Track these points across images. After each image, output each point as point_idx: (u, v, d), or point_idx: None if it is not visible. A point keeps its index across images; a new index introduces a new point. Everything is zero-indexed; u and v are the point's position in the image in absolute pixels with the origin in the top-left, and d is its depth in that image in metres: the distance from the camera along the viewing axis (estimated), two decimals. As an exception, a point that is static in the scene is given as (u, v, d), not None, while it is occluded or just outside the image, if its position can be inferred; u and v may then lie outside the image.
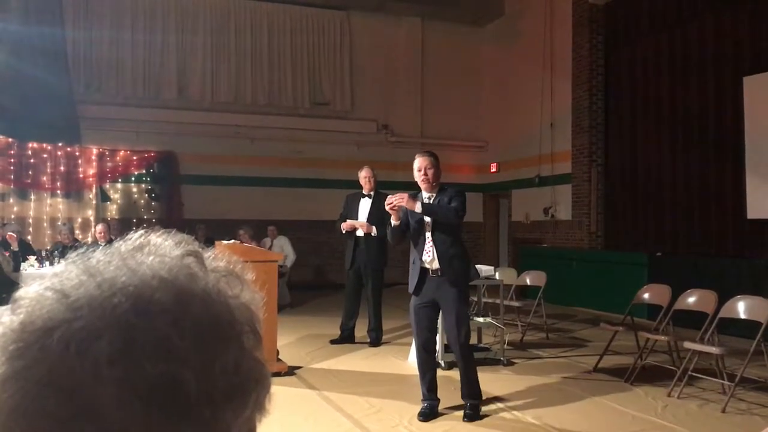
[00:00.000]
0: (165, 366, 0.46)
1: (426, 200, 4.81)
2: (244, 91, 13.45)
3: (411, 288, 4.85)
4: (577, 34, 12.12)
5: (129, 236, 0.57)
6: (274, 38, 13.63)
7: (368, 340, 7.37)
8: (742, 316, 5.35)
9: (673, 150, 10.30)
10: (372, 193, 7.29)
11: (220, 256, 0.59)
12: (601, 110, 11.89)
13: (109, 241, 3.04)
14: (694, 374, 5.39)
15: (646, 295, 6.47)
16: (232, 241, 6.07)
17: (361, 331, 7.50)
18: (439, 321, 5.32)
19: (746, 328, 5.44)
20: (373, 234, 7.13)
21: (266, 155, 13.38)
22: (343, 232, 7.29)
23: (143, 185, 12.81)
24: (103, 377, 0.45)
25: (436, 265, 4.71)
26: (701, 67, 9.88)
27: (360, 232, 7.23)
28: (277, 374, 5.75)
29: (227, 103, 13.28)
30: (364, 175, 7.31)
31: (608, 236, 11.75)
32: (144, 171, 12.71)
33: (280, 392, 5.32)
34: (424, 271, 4.75)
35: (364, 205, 7.27)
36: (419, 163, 4.86)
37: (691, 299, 5.82)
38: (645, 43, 10.98)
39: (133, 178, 12.70)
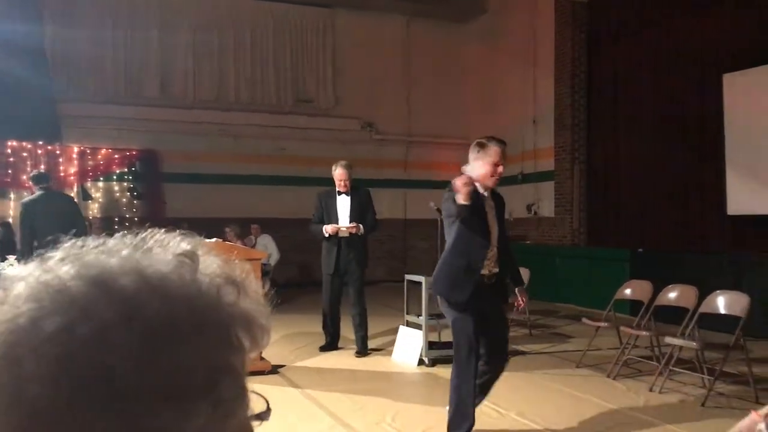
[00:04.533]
0: (100, 354, 0.46)
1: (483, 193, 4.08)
2: (226, 89, 13.39)
3: (464, 297, 3.96)
4: (559, 31, 12.17)
5: (143, 234, 0.57)
6: (257, 35, 13.57)
7: (354, 347, 6.85)
8: (722, 311, 5.41)
9: (654, 147, 10.37)
10: (349, 190, 6.80)
11: (226, 262, 0.58)
12: (583, 107, 11.95)
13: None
14: (674, 369, 5.44)
15: (627, 291, 6.52)
16: (215, 239, 6.02)
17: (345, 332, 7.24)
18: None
19: (726, 322, 5.49)
20: (360, 233, 6.71)
21: (250, 153, 13.33)
22: (326, 235, 6.71)
23: (125, 184, 12.71)
24: (41, 353, 0.46)
25: (495, 269, 4.09)
26: (682, 64, 9.95)
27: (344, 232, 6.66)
28: (260, 373, 5.72)
29: (210, 101, 13.21)
30: (338, 176, 6.78)
31: (591, 233, 11.82)
32: (126, 169, 12.61)
33: (264, 391, 5.31)
34: (481, 278, 4.01)
35: (344, 203, 6.79)
36: (498, 156, 4.09)
37: (672, 294, 5.87)
38: (627, 40, 11.04)
39: (114, 177, 12.60)
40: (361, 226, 6.70)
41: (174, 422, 0.48)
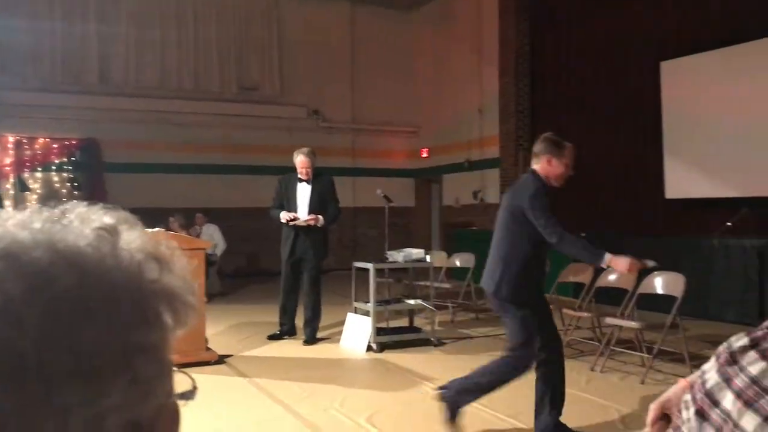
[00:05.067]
0: (4, 329, 0.45)
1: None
2: (169, 76, 13.11)
3: (537, 295, 4.05)
4: (503, 19, 12.30)
5: (64, 207, 0.55)
6: (200, 21, 13.32)
7: (303, 337, 6.77)
8: (659, 291, 5.58)
9: (596, 133, 10.59)
10: (310, 178, 6.70)
11: (150, 237, 0.56)
12: (527, 95, 12.12)
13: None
14: (615, 348, 5.61)
15: (570, 274, 6.67)
16: (157, 229, 5.90)
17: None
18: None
19: (663, 302, 5.67)
20: (319, 224, 6.59)
21: (194, 141, 13.12)
22: (283, 221, 6.60)
23: (65, 174, 12.36)
24: None
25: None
26: (623, 52, 10.19)
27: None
28: (207, 363, 5.67)
29: (152, 88, 12.92)
30: (300, 164, 6.64)
31: (536, 218, 12.01)
32: (65, 159, 12.27)
33: (210, 381, 5.26)
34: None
35: (303, 192, 6.66)
36: (572, 157, 4.12)
37: (612, 276, 6.02)
38: (570, 29, 11.23)
39: (53, 167, 12.24)
40: (320, 218, 6.59)
41: (86, 400, 0.46)
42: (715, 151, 8.54)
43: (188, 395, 0.60)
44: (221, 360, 5.88)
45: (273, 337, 6.88)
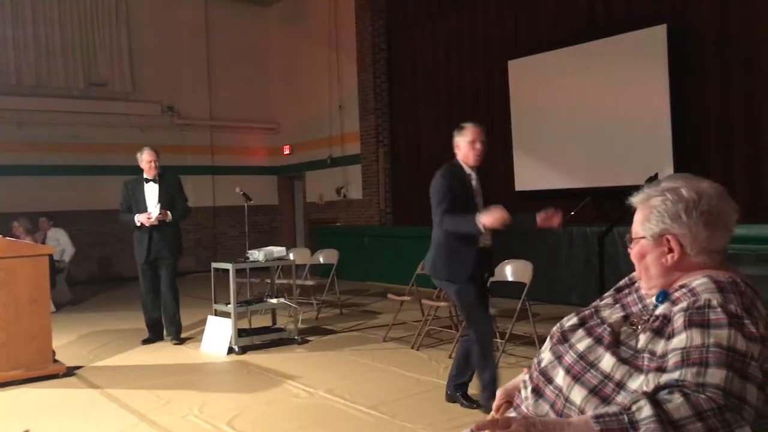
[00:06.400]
0: None
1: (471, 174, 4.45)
2: (7, 71, 12.12)
3: (467, 274, 4.16)
4: (359, 17, 12.44)
5: None
6: (38, 10, 12.40)
7: (170, 338, 6.74)
8: (510, 278, 5.87)
9: (450, 128, 10.92)
10: (157, 177, 6.67)
11: None
12: (385, 92, 12.34)
13: None
14: (471, 335, 5.83)
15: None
16: (-6, 235, 5.46)
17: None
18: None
19: (514, 289, 5.97)
20: (168, 219, 6.54)
21: (37, 141, 12.24)
22: (138, 225, 6.51)
23: None
24: None
25: (488, 242, 4.28)
26: (473, 51, 10.63)
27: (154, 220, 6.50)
28: (54, 376, 5.32)
29: (-14, 84, 11.90)
30: (147, 159, 6.61)
31: (396, 212, 12.29)
32: None
33: (57, 394, 4.94)
34: (479, 251, 4.21)
35: (152, 191, 6.62)
36: (473, 134, 4.47)
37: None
38: (423, 28, 11.55)
39: None
40: (169, 213, 6.57)
41: None
42: (559, 145, 9.10)
43: None
44: (70, 372, 5.53)
45: (147, 341, 6.72)
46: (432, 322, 6.43)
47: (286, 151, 14.96)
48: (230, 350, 6.13)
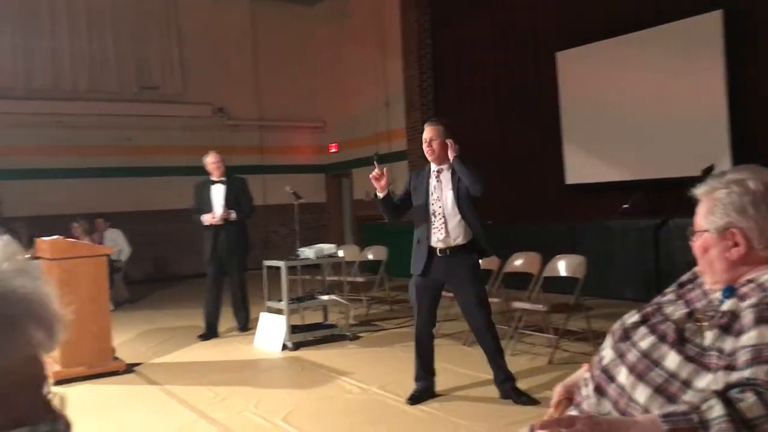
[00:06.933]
0: None
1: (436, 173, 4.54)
2: (63, 78, 12.50)
3: (415, 271, 4.43)
4: (404, 14, 12.42)
5: None
6: (93, 18, 12.74)
7: (236, 326, 7.24)
8: (563, 273, 5.80)
9: (498, 123, 10.89)
10: (224, 178, 7.01)
11: (6, 248, 0.54)
12: (431, 87, 12.30)
13: None
14: (523, 331, 5.80)
15: (479, 261, 6.81)
16: (55, 237, 5.64)
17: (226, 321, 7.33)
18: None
19: (567, 284, 5.90)
20: (231, 218, 6.87)
21: (92, 144, 12.59)
22: (206, 224, 6.88)
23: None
24: None
25: (449, 243, 4.34)
26: (520, 43, 10.50)
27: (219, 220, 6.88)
28: (115, 373, 5.48)
29: (44, 90, 12.28)
30: (211, 161, 6.98)
31: (445, 209, 12.22)
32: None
33: (118, 391, 5.09)
34: (431, 250, 4.38)
35: (218, 192, 6.95)
36: (425, 134, 4.55)
37: (518, 262, 6.22)
38: (469, 21, 11.47)
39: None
40: (232, 212, 6.89)
41: None
42: (610, 137, 8.93)
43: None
44: (130, 369, 5.69)
45: (202, 337, 6.96)
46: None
47: (333, 149, 15.06)
48: (283, 347, 6.21)
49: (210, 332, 7.00)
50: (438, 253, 4.36)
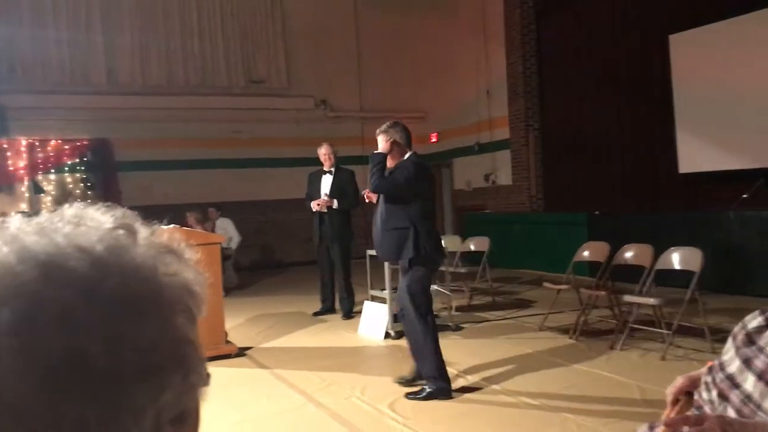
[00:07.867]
0: (68, 337, 0.44)
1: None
2: (176, 73, 13.12)
3: (442, 255, 5.01)
4: (507, 1, 12.20)
5: (64, 209, 0.55)
6: (203, 16, 13.29)
7: (340, 313, 7.49)
8: (677, 267, 5.55)
9: (606, 110, 10.52)
10: (333, 169, 7.44)
11: (160, 233, 0.56)
12: (534, 75, 12.04)
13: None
14: (634, 326, 5.59)
15: (585, 253, 6.64)
16: (171, 225, 5.94)
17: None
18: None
19: (681, 278, 5.64)
20: (334, 207, 7.26)
21: (203, 137, 13.14)
22: (314, 210, 7.39)
23: (78, 175, 12.43)
24: (3, 347, 0.43)
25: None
26: (629, 27, 10.09)
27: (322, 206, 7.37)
28: (227, 356, 5.71)
29: (159, 86, 12.93)
30: (323, 153, 7.43)
31: (548, 198, 11.99)
32: (78, 160, 12.32)
33: (231, 373, 5.30)
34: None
35: (326, 181, 7.43)
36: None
37: (629, 254, 6.00)
38: (574, 6, 11.13)
39: (66, 168, 12.30)
40: (335, 201, 7.27)
41: (149, 398, 0.47)
42: (726, 123, 8.43)
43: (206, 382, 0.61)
44: (241, 353, 5.92)
45: (318, 314, 7.51)
46: (591, 312, 6.21)
47: (433, 139, 15.03)
48: (386, 335, 6.28)
49: (324, 309, 7.56)
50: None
